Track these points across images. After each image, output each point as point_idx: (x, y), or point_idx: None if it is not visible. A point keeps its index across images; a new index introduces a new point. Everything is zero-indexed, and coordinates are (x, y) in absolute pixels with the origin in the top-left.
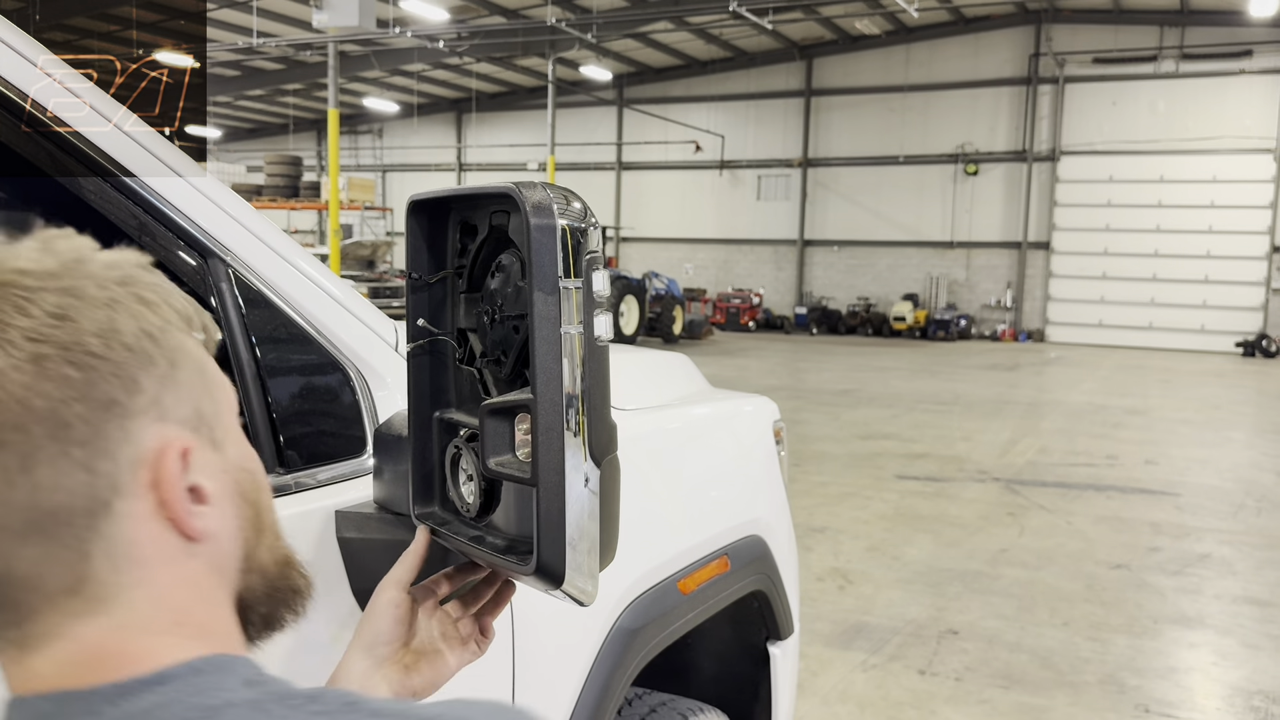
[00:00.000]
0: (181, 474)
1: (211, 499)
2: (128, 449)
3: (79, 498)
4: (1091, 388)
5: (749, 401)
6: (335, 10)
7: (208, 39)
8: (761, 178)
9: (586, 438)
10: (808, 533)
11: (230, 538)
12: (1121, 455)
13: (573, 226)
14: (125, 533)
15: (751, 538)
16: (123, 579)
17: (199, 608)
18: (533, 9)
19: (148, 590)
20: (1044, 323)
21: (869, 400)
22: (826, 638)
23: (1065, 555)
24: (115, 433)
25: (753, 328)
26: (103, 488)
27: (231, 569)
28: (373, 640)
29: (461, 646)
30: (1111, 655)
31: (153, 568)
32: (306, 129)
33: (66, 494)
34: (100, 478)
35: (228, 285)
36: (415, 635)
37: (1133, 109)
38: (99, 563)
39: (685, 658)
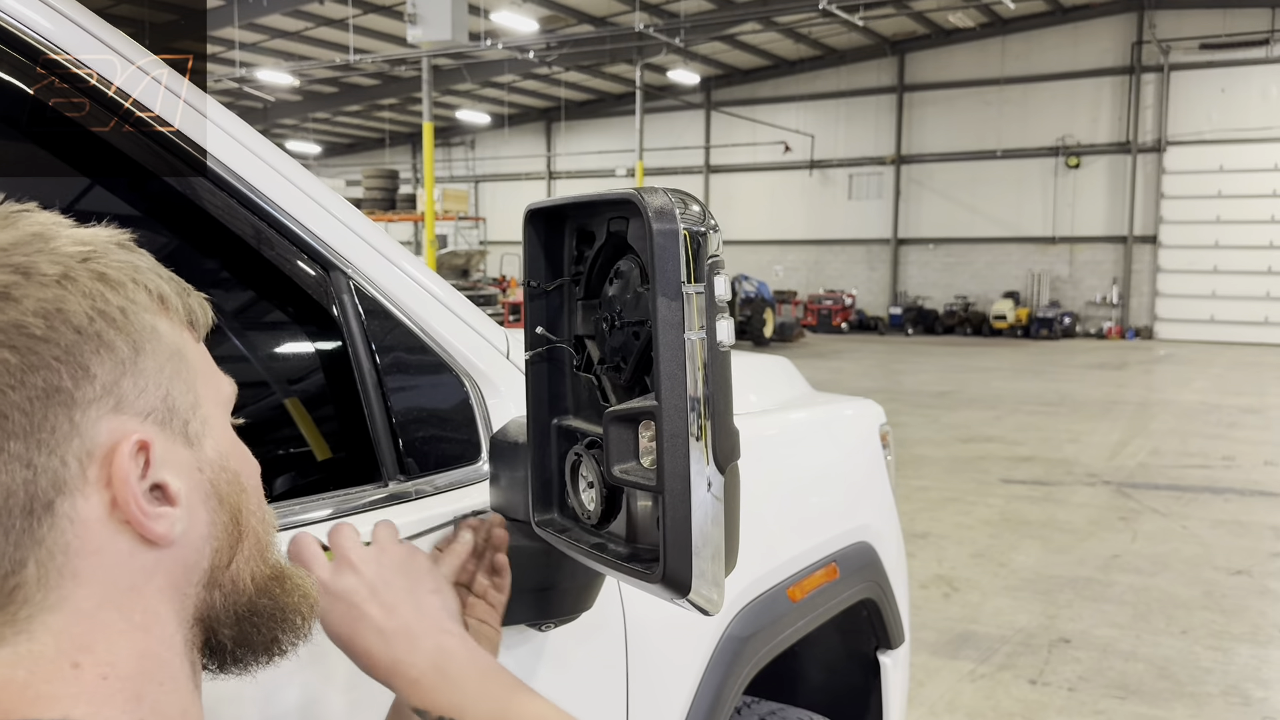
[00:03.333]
0: (138, 470)
1: (180, 499)
2: (75, 442)
3: (16, 496)
4: (1204, 386)
5: (853, 405)
6: (429, 25)
7: (304, 57)
8: (853, 176)
9: (710, 444)
10: (909, 539)
11: (196, 546)
12: (1239, 456)
13: (693, 231)
14: (65, 538)
15: (860, 544)
16: (47, 597)
17: (125, 637)
18: (620, 16)
19: (67, 613)
20: (1152, 319)
21: (969, 402)
22: (932, 646)
23: (1181, 561)
24: (59, 424)
25: (845, 329)
26: (44, 485)
27: (192, 582)
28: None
29: (487, 604)
30: (1234, 665)
31: (87, 581)
32: (402, 142)
33: (9, 481)
34: (41, 474)
35: (349, 296)
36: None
37: (1244, 95)
38: (29, 574)
39: (794, 666)
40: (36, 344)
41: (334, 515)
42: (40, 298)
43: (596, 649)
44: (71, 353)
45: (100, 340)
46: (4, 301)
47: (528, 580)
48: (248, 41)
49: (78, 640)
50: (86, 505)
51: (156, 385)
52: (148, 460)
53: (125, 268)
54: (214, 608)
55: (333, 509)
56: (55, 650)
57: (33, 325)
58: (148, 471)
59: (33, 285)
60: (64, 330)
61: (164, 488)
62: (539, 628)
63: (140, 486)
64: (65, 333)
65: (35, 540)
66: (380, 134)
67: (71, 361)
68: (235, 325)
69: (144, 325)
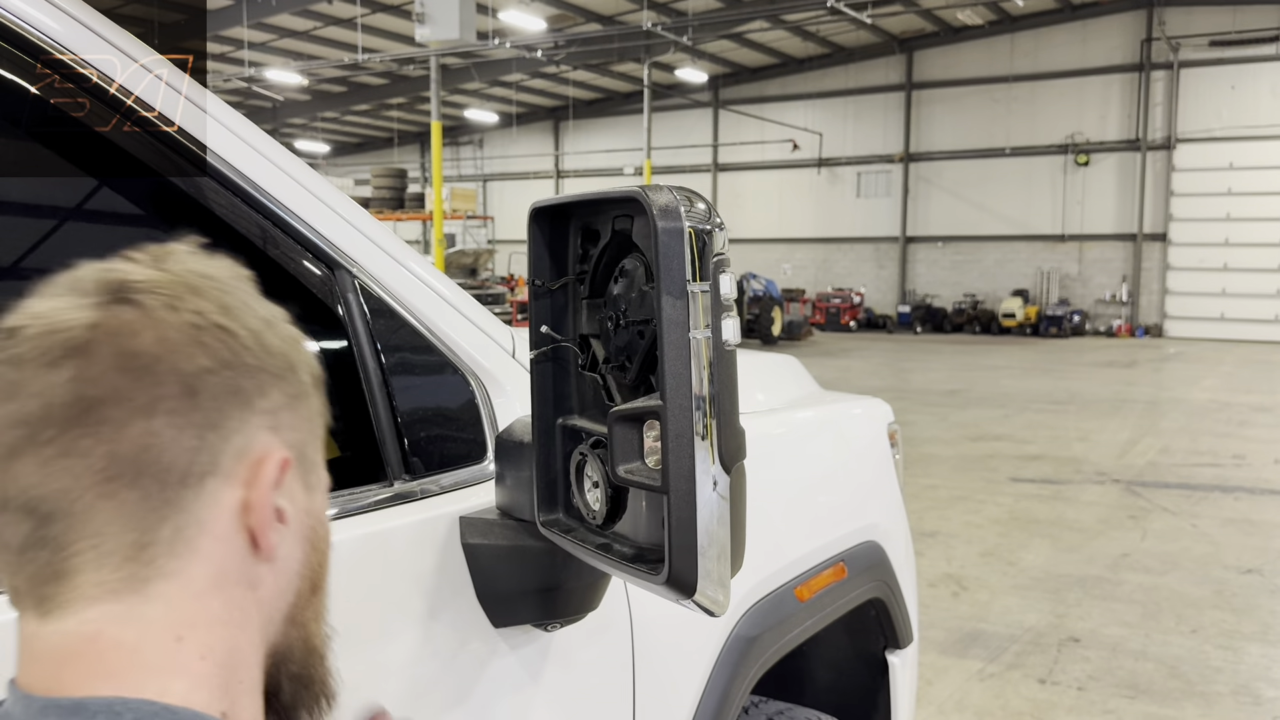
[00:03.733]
0: (275, 484)
1: (289, 532)
2: (238, 438)
3: (178, 462)
4: (1214, 384)
5: (861, 403)
6: (437, 24)
7: (313, 56)
8: (861, 174)
9: (716, 443)
10: (918, 537)
11: (289, 576)
12: (1249, 454)
13: (698, 229)
14: (203, 515)
15: (868, 544)
16: (169, 564)
17: (224, 628)
18: (628, 14)
19: (181, 585)
20: (1162, 317)
21: (978, 400)
22: (941, 645)
23: (1191, 560)
24: (234, 419)
25: (854, 327)
26: (204, 460)
27: (278, 609)
28: None
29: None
30: (1245, 664)
31: (205, 560)
32: (410, 142)
33: (171, 451)
34: (204, 450)
35: (354, 295)
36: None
37: (1253, 93)
38: (163, 536)
39: (801, 666)
40: (241, 351)
41: (339, 515)
42: (250, 324)
43: (603, 649)
44: (261, 370)
45: (281, 374)
46: (227, 315)
47: (533, 580)
48: (256, 41)
49: (184, 615)
50: (227, 493)
51: (302, 430)
52: (280, 481)
53: (297, 336)
54: (289, 645)
55: (338, 509)
56: (164, 619)
57: (243, 336)
58: (278, 489)
59: (247, 315)
60: (261, 353)
61: (282, 512)
62: (545, 628)
63: (270, 500)
64: (261, 355)
65: (179, 507)
66: (389, 133)
67: (259, 377)
68: None
69: (307, 383)
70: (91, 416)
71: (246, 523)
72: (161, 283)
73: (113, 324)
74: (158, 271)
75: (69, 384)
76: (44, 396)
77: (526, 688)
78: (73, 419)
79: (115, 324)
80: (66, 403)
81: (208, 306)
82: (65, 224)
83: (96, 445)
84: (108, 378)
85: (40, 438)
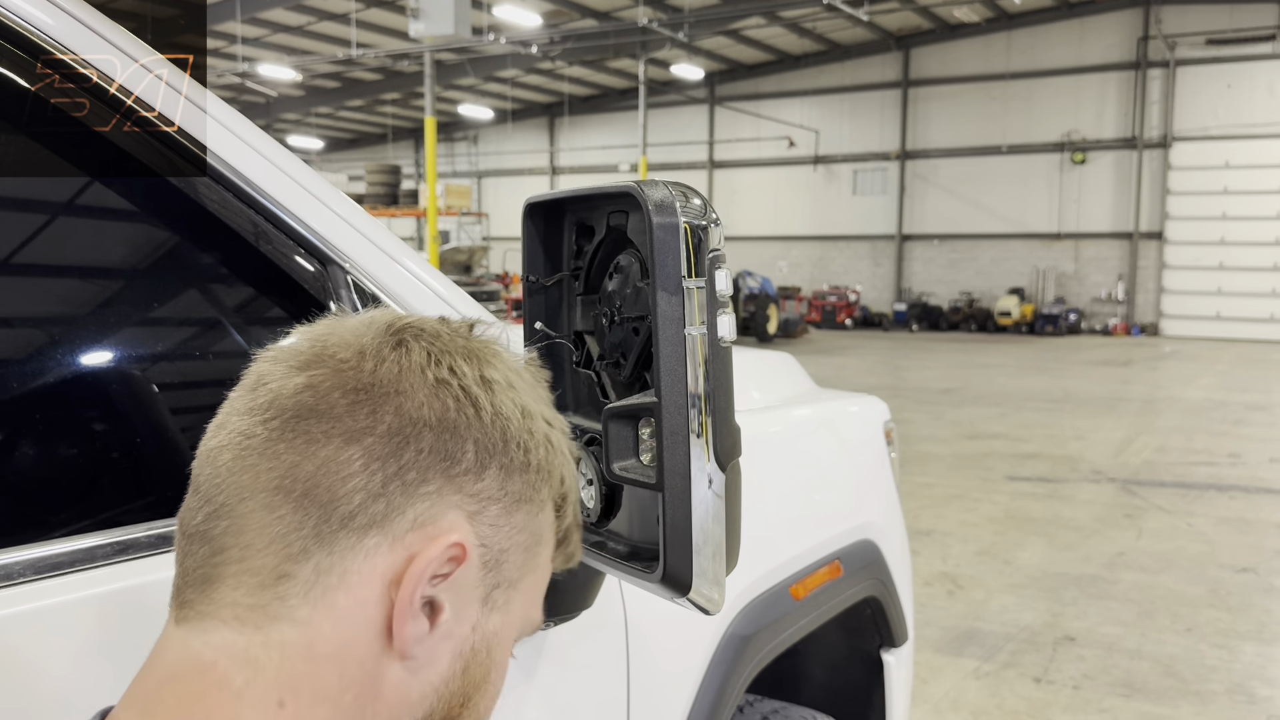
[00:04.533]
0: (435, 570)
1: (438, 630)
2: (423, 505)
3: (354, 497)
4: (1210, 383)
5: (857, 401)
6: (431, 20)
7: (306, 52)
8: (857, 172)
9: (711, 441)
10: (914, 536)
11: (418, 689)
12: (1244, 453)
13: (694, 224)
14: (349, 567)
15: (864, 542)
16: (300, 609)
17: (331, 705)
18: (624, 10)
19: (304, 641)
20: (1158, 316)
21: (974, 399)
22: (937, 644)
23: (1186, 559)
24: (430, 484)
25: (850, 325)
26: (377, 510)
27: (395, 719)
28: None
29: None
30: (1240, 663)
31: (336, 622)
32: (405, 138)
33: (349, 485)
34: (384, 500)
35: (346, 291)
36: None
37: (1249, 91)
38: (303, 572)
39: (797, 665)
40: (474, 423)
41: None
42: (503, 407)
43: (597, 647)
44: (485, 451)
45: (511, 469)
46: (479, 385)
47: None
48: (250, 36)
49: (295, 676)
50: (384, 557)
51: (506, 538)
52: (449, 574)
53: (566, 453)
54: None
55: None
56: (275, 672)
57: (485, 412)
58: (439, 581)
59: (504, 398)
60: (496, 436)
61: (436, 609)
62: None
63: (424, 584)
64: (496, 438)
65: (330, 546)
66: (383, 129)
67: (478, 455)
68: (237, 320)
69: (539, 493)
70: (299, 425)
71: (389, 601)
72: (439, 336)
73: (370, 353)
74: (447, 331)
75: (298, 389)
76: (274, 394)
77: (520, 686)
78: (284, 424)
79: (372, 353)
80: (286, 406)
81: (468, 372)
82: (56, 220)
83: (287, 452)
84: (331, 396)
85: (252, 433)
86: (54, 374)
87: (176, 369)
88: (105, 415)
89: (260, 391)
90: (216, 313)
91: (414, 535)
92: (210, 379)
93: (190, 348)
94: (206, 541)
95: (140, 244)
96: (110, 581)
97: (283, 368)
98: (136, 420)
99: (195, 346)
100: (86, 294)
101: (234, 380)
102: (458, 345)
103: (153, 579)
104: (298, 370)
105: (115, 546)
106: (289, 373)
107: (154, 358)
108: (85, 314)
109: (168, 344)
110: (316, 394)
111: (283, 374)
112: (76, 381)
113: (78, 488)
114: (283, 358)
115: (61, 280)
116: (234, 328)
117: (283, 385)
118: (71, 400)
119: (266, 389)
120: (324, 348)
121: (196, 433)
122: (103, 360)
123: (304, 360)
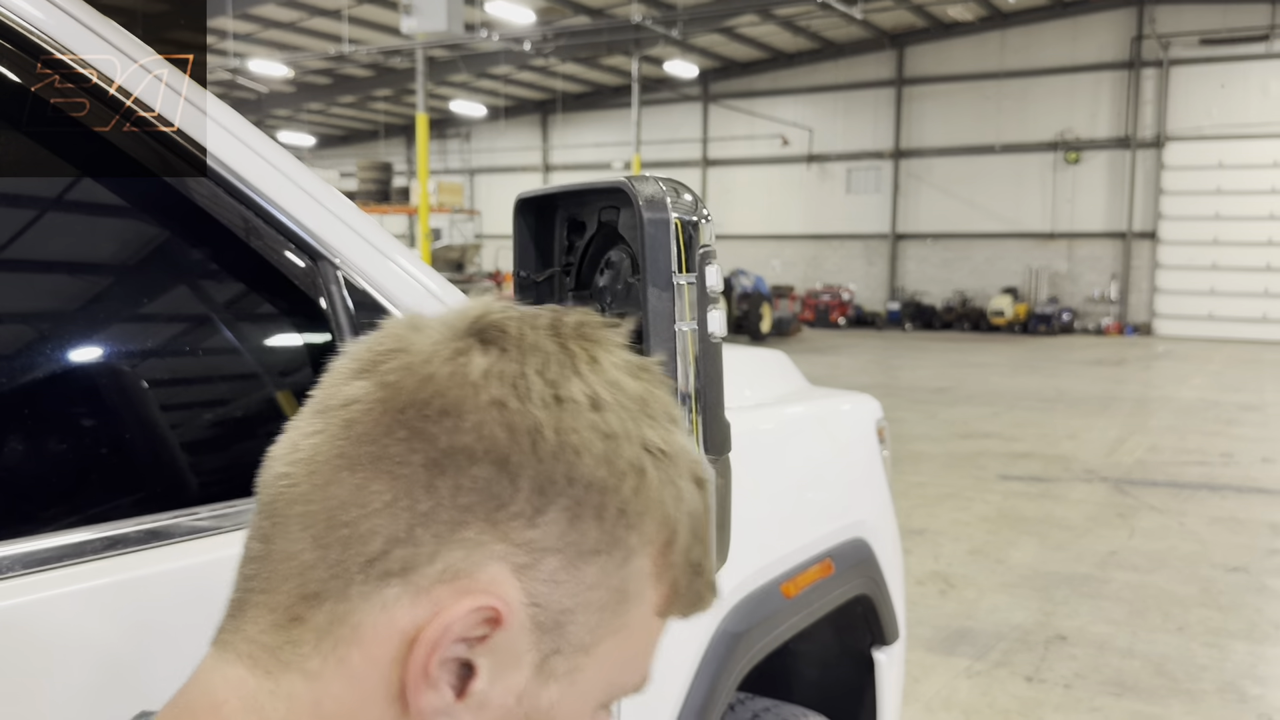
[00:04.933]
0: (466, 632)
1: (468, 700)
2: (457, 554)
3: (374, 539)
4: (1202, 383)
5: (849, 400)
6: (423, 16)
7: (298, 48)
8: (851, 170)
9: (701, 436)
10: (906, 535)
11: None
12: (1237, 453)
13: (685, 220)
14: (364, 620)
15: (856, 540)
16: (310, 662)
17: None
18: (617, 7)
19: (312, 698)
20: (1151, 316)
21: (967, 398)
22: (928, 643)
23: (1178, 558)
24: (469, 528)
25: (843, 324)
26: (399, 556)
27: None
28: None
29: None
30: (1231, 662)
31: (348, 680)
32: (396, 134)
33: (369, 524)
34: (409, 545)
35: (336, 288)
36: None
37: (1243, 91)
38: (317, 619)
39: (788, 663)
40: (527, 453)
41: None
42: (573, 434)
43: None
44: (541, 491)
45: (573, 511)
46: (552, 406)
47: None
48: (241, 32)
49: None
50: (404, 611)
51: (570, 596)
52: (485, 636)
53: (673, 484)
54: None
55: None
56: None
57: (547, 439)
58: (475, 645)
59: (581, 419)
60: (558, 468)
61: (472, 672)
62: None
63: (448, 647)
64: (555, 471)
65: (342, 594)
66: (374, 126)
67: (532, 496)
68: (228, 316)
69: (624, 541)
70: (339, 444)
71: (405, 659)
72: (521, 338)
73: (429, 358)
74: (534, 329)
75: (346, 400)
76: (324, 402)
77: None
78: (328, 440)
79: (430, 359)
80: (333, 419)
81: (536, 389)
82: (54, 218)
83: (325, 471)
84: (373, 412)
85: (297, 445)
86: (46, 370)
87: (165, 365)
88: (94, 410)
89: (317, 395)
90: (206, 309)
91: (442, 589)
92: (198, 375)
93: (180, 344)
94: (250, 562)
95: (130, 241)
96: (99, 576)
97: (343, 369)
98: (125, 415)
99: (185, 342)
100: (77, 291)
101: (221, 376)
102: (541, 350)
103: (141, 574)
104: (353, 376)
105: (104, 541)
106: (344, 378)
107: (144, 354)
108: (75, 310)
109: (157, 340)
110: (361, 407)
111: (338, 378)
112: (67, 377)
113: (67, 483)
114: (350, 354)
115: (52, 277)
116: (223, 323)
117: (333, 393)
118: (61, 396)
119: (322, 393)
120: (394, 345)
121: (186, 428)
122: (93, 356)
123: (363, 363)
